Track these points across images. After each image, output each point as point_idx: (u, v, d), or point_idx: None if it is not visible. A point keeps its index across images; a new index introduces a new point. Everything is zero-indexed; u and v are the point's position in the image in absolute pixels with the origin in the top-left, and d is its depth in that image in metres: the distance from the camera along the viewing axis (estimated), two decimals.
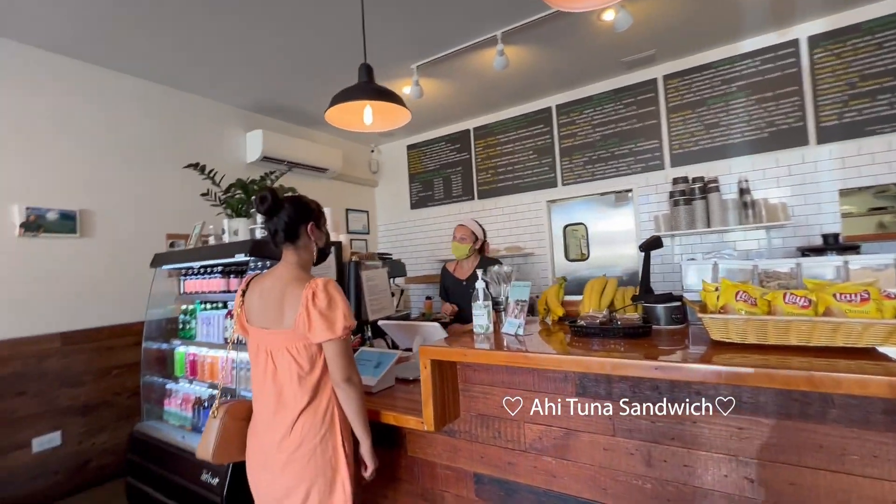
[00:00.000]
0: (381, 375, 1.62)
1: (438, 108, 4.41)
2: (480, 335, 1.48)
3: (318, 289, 1.23)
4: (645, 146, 3.80)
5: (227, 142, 4.00)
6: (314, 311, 1.21)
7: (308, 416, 1.23)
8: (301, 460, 1.21)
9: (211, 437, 1.31)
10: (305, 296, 1.22)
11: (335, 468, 1.24)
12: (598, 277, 1.69)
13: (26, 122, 2.80)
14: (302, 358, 1.25)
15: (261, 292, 1.32)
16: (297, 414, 1.23)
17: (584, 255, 4.28)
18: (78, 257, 2.97)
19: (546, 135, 4.33)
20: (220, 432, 1.31)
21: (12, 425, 2.64)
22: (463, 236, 2.64)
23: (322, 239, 1.42)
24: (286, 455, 1.22)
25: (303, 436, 1.22)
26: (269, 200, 1.30)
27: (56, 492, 2.76)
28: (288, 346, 1.25)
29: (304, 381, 1.24)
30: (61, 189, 2.92)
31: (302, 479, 1.21)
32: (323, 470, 1.23)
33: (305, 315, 1.21)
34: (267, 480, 1.26)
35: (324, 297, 1.23)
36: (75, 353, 2.91)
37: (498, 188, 4.64)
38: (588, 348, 1.18)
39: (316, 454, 1.22)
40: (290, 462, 1.22)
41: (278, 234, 1.34)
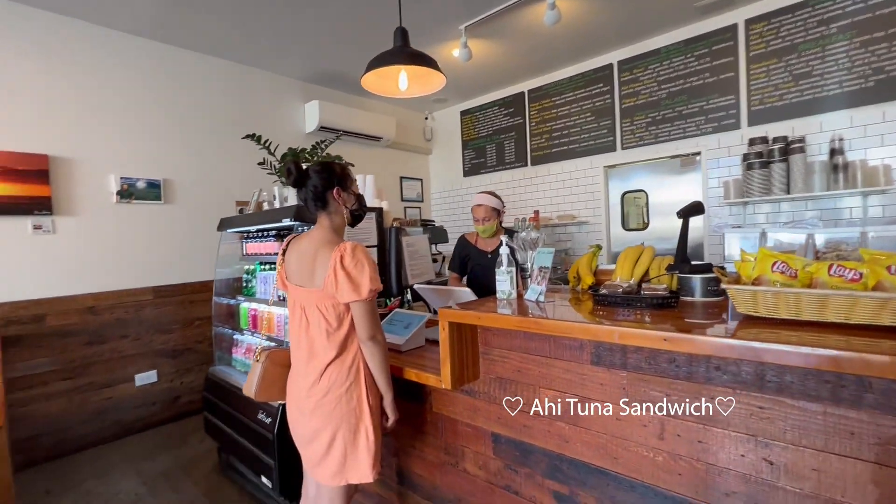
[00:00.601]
0: (409, 335, 1.70)
1: (490, 71, 4.26)
2: (502, 301, 1.48)
3: (346, 252, 1.31)
4: (718, 103, 3.41)
5: (287, 113, 4.22)
6: (341, 274, 1.29)
7: (335, 368, 1.34)
8: (327, 406, 1.33)
9: (254, 377, 1.48)
10: (334, 258, 1.30)
11: (359, 417, 1.35)
12: (634, 246, 1.60)
13: (117, 101, 3.16)
14: (330, 315, 1.34)
15: (298, 253, 1.43)
16: (325, 365, 1.34)
17: (644, 225, 4.02)
18: (163, 221, 3.36)
19: (605, 95, 4.03)
20: (262, 374, 1.47)
21: (120, 362, 3.14)
22: (486, 217, 2.44)
23: (351, 200, 1.48)
24: (314, 400, 1.34)
25: (330, 384, 1.34)
26: (294, 173, 1.39)
27: (154, 419, 3.28)
28: (318, 304, 1.35)
29: (332, 336, 1.34)
30: (148, 161, 3.29)
31: (328, 423, 1.33)
32: (347, 417, 1.34)
33: (333, 277, 1.29)
34: (299, 421, 1.40)
35: (351, 260, 1.30)
36: (165, 304, 3.35)
37: (552, 154, 4.45)
38: (607, 317, 1.15)
39: (341, 402, 1.34)
40: (318, 407, 1.34)
41: (308, 202, 1.43)
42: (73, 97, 2.97)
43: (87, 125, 3.02)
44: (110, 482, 2.51)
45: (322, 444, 1.35)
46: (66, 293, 2.91)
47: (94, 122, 3.05)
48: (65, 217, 2.92)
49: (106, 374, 3.07)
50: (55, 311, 2.87)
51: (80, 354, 2.96)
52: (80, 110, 2.99)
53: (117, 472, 2.62)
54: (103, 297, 3.06)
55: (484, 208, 2.45)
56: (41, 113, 2.84)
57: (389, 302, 2.35)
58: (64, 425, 2.88)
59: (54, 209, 2.86)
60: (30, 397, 2.77)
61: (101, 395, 3.04)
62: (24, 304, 2.76)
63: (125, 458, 2.80)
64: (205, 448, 2.85)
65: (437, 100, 5.09)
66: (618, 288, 1.27)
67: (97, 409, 3.02)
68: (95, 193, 3.05)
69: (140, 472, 2.62)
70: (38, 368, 2.80)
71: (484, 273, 2.50)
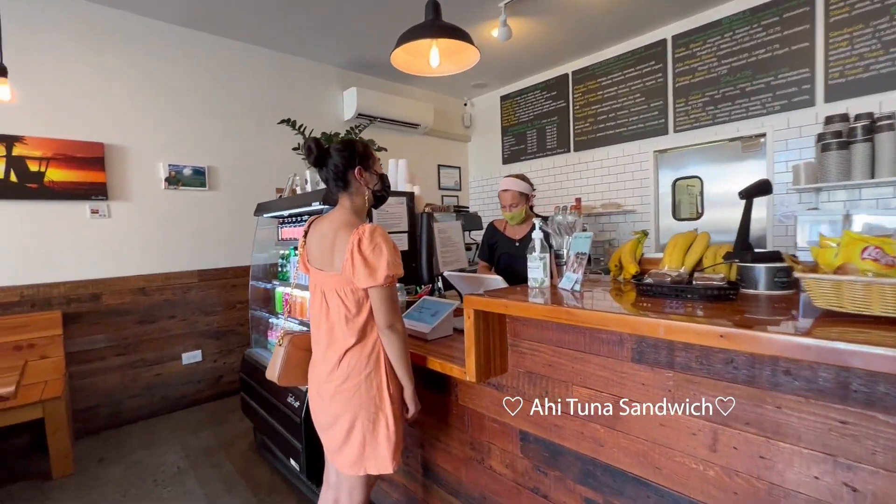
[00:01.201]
0: (436, 323, 1.63)
1: (532, 52, 4.06)
2: (534, 289, 1.37)
3: (364, 235, 1.24)
4: (789, 78, 3.05)
5: (326, 100, 4.24)
6: (358, 257, 1.22)
7: (354, 354, 1.29)
8: (347, 392, 1.29)
9: (277, 361, 1.46)
10: (352, 241, 1.24)
11: (378, 405, 1.30)
12: (685, 232, 1.43)
13: (165, 90, 3.28)
14: (349, 301, 1.29)
15: (318, 235, 1.38)
16: (344, 351, 1.29)
17: (698, 214, 3.71)
18: (207, 207, 3.48)
19: (657, 73, 3.73)
20: (285, 359, 1.45)
21: (168, 341, 3.30)
22: (513, 202, 2.27)
23: (374, 181, 1.42)
24: (333, 386, 1.30)
25: (349, 370, 1.29)
26: (315, 152, 1.33)
27: (199, 397, 3.43)
28: (337, 289, 1.30)
29: (351, 322, 1.29)
30: (193, 148, 3.41)
31: (347, 410, 1.29)
32: (366, 405, 1.29)
33: (350, 261, 1.23)
34: (319, 407, 1.37)
35: (369, 244, 1.23)
36: (208, 287, 3.48)
37: (597, 138, 4.20)
38: (652, 309, 1.01)
39: (360, 389, 1.28)
40: (337, 393, 1.30)
41: (329, 182, 1.38)
42: (126, 88, 3.11)
43: (138, 114, 3.16)
44: (156, 454, 2.64)
45: (341, 431, 1.31)
46: (119, 274, 3.08)
47: (144, 112, 3.18)
48: (119, 202, 3.08)
49: (155, 352, 3.24)
50: (110, 290, 3.05)
51: (132, 332, 3.14)
52: (132, 100, 3.13)
53: (164, 445, 2.76)
54: (153, 278, 3.22)
55: (511, 193, 2.28)
56: (97, 103, 2.99)
57: (420, 289, 2.29)
58: (118, 398, 3.07)
59: (109, 195, 3.02)
60: (89, 370, 2.96)
61: (151, 371, 3.22)
62: (84, 283, 2.95)
63: (172, 432, 2.94)
64: (243, 427, 2.94)
65: (477, 85, 4.95)
66: (665, 277, 1.12)
67: (147, 384, 3.20)
68: (146, 180, 3.20)
69: (184, 445, 2.74)
70: (96, 344, 2.99)
71: (511, 262, 2.35)
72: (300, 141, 2.59)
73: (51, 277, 2.83)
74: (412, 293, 2.24)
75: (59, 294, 2.86)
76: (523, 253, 2.38)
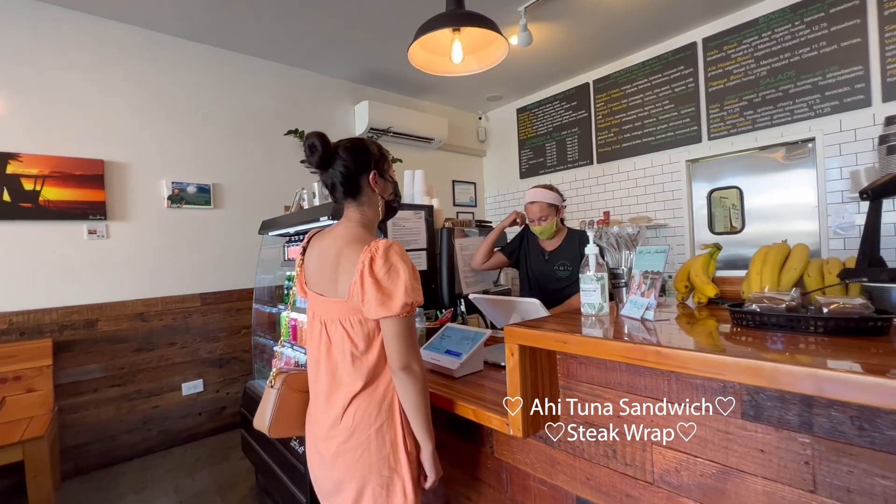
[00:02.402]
0: (465, 357, 1.36)
1: (551, 59, 3.88)
2: (590, 317, 1.11)
3: (377, 253, 1.00)
4: (839, 77, 2.79)
5: (337, 115, 4.09)
6: (370, 281, 0.98)
7: (362, 402, 1.03)
8: (353, 452, 1.02)
9: (267, 408, 1.19)
10: (362, 261, 1.00)
11: (393, 467, 1.03)
12: (774, 244, 1.16)
13: (168, 105, 3.14)
14: (356, 335, 1.04)
15: (319, 252, 1.14)
16: (349, 398, 1.03)
17: (736, 229, 3.41)
18: (212, 226, 3.29)
19: (688, 78, 3.50)
20: (277, 404, 1.18)
21: (167, 370, 3.07)
22: (542, 216, 2.04)
23: (389, 190, 1.19)
24: (336, 444, 1.04)
25: (355, 424, 1.02)
26: (320, 150, 1.07)
27: (201, 430, 3.17)
28: (342, 319, 1.05)
29: (358, 361, 1.03)
30: (197, 165, 3.25)
31: (353, 474, 1.02)
32: (378, 467, 1.02)
33: (360, 284, 0.99)
34: (319, 469, 1.10)
35: (383, 264, 0.99)
36: (211, 312, 3.26)
37: (622, 149, 3.96)
38: (765, 348, 0.74)
39: (370, 448, 1.02)
40: (341, 453, 1.03)
41: (336, 188, 1.12)
42: (127, 102, 2.97)
43: (140, 130, 3.01)
44: (147, 499, 2.37)
45: (346, 501, 1.04)
46: (117, 299, 2.88)
47: (146, 127, 3.04)
48: (118, 222, 2.91)
49: (153, 382, 3.00)
50: (106, 316, 2.84)
51: (128, 361, 2.91)
52: (134, 115, 2.99)
53: (157, 488, 2.49)
54: (152, 303, 3.01)
55: (539, 206, 2.04)
56: (97, 118, 2.85)
57: (441, 314, 2.03)
58: (112, 433, 2.83)
59: (108, 214, 2.85)
60: (81, 403, 2.73)
61: (148, 403, 2.98)
62: (78, 308, 2.75)
63: (168, 472, 2.68)
64: (244, 466, 2.66)
65: (492, 98, 4.78)
66: (779, 302, 0.85)
67: (144, 417, 2.95)
68: (148, 198, 3.03)
69: (178, 489, 2.47)
70: (89, 375, 2.77)
71: (537, 278, 2.11)
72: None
73: (43, 303, 2.64)
74: (432, 319, 1.98)
75: (51, 321, 2.66)
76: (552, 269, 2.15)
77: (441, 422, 1.43)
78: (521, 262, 2.22)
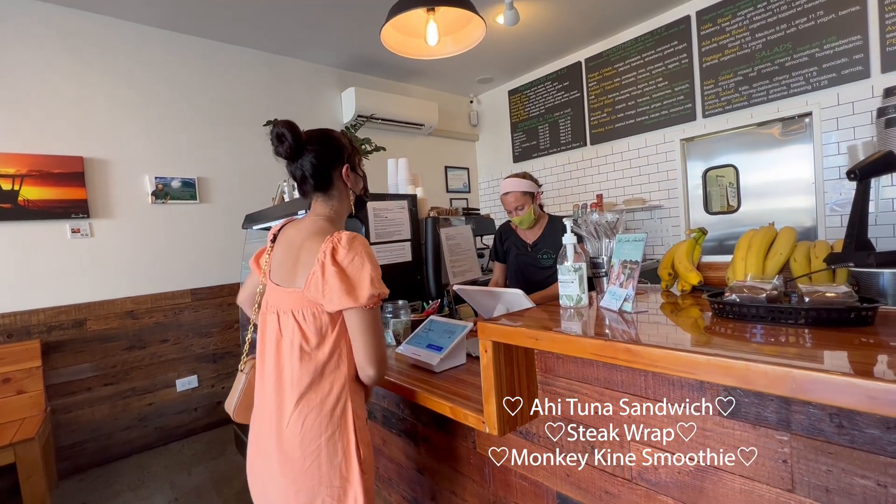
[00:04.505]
0: (444, 353, 1.32)
1: (541, 39, 3.76)
2: (568, 309, 1.07)
3: (339, 243, 0.96)
4: (837, 48, 2.70)
5: (323, 103, 4.00)
6: (331, 270, 0.94)
7: (313, 409, 0.97)
8: (301, 462, 0.96)
9: (235, 392, 1.15)
10: (323, 250, 0.95)
11: (345, 476, 0.97)
12: (761, 227, 1.11)
13: (148, 98, 3.06)
14: (308, 327, 0.98)
15: (285, 243, 1.10)
16: (297, 397, 0.97)
17: (732, 208, 3.36)
18: (199, 221, 3.24)
19: (681, 54, 3.40)
20: (244, 389, 1.14)
21: (161, 367, 3.06)
22: (518, 205, 1.99)
23: (359, 184, 1.15)
24: (284, 451, 0.97)
25: (303, 431, 0.96)
26: (289, 139, 1.03)
27: (197, 425, 3.18)
28: (294, 310, 0.99)
29: (307, 357, 0.98)
30: (181, 159, 3.18)
31: (300, 487, 0.96)
32: (329, 479, 0.96)
33: (320, 273, 0.95)
34: (263, 475, 1.02)
35: (347, 253, 0.95)
36: (203, 307, 3.24)
37: (615, 129, 3.87)
38: (745, 341, 0.71)
39: (321, 457, 0.96)
40: (288, 461, 0.97)
41: (307, 181, 1.08)
42: (106, 96, 2.89)
43: (119, 124, 2.94)
44: (143, 496, 2.39)
45: None
46: (105, 297, 2.86)
47: (126, 121, 2.97)
48: (101, 220, 2.86)
49: (147, 380, 3.00)
50: (95, 315, 2.82)
51: (121, 359, 2.90)
52: (113, 109, 2.92)
53: (153, 484, 2.50)
54: (142, 300, 2.99)
55: (513, 195, 1.99)
56: (74, 114, 2.78)
57: (427, 306, 1.99)
58: (107, 431, 2.83)
59: (91, 212, 2.81)
60: (74, 403, 2.73)
61: (143, 400, 2.98)
62: (66, 308, 2.72)
63: (164, 468, 2.69)
64: (240, 461, 2.67)
65: (482, 80, 4.67)
66: (758, 291, 0.80)
67: (140, 414, 2.96)
68: (131, 194, 2.98)
69: (174, 485, 2.48)
70: (81, 374, 2.76)
71: (521, 269, 2.08)
72: None
73: (29, 304, 2.61)
74: (418, 311, 1.95)
75: (39, 321, 2.63)
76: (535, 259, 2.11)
77: (426, 417, 1.41)
78: (507, 257, 2.19)
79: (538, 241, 2.06)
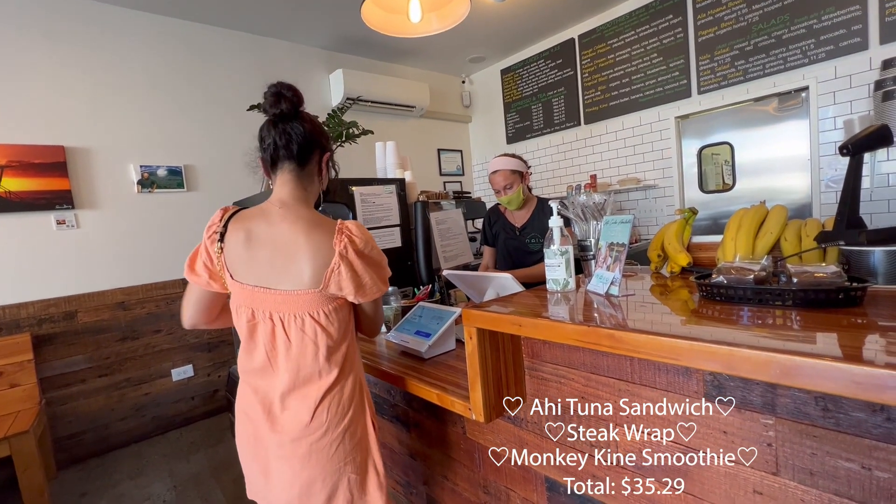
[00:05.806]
0: (432, 340, 1.31)
1: (533, 16, 3.66)
2: (555, 294, 1.05)
3: (353, 234, 0.95)
4: (835, 19, 2.63)
5: (311, 86, 3.90)
6: (360, 263, 0.94)
7: (335, 397, 0.97)
8: (327, 448, 0.96)
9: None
10: (342, 244, 0.92)
11: (367, 448, 1.03)
12: (752, 206, 1.09)
13: (131, 83, 2.97)
14: (332, 324, 0.95)
15: (263, 239, 0.96)
16: (322, 393, 0.96)
17: (728, 186, 3.32)
18: (187, 210, 3.19)
19: (676, 28, 3.31)
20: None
21: (155, 357, 3.05)
22: (507, 184, 1.94)
23: (327, 179, 1.13)
24: (308, 443, 0.95)
25: (328, 420, 0.96)
26: (292, 99, 1.01)
27: (195, 413, 3.19)
28: (312, 312, 0.94)
29: (334, 352, 0.97)
30: (167, 146, 3.11)
31: (326, 470, 0.96)
32: (352, 455, 0.99)
33: (346, 269, 0.92)
34: (280, 474, 0.99)
35: (365, 243, 0.96)
36: None
37: (609, 108, 3.80)
38: (732, 324, 0.69)
39: (345, 439, 0.98)
40: (313, 452, 0.96)
41: (290, 146, 0.99)
42: (85, 82, 2.80)
43: (101, 112, 2.86)
44: (143, 484, 2.41)
45: (318, 500, 0.97)
46: (94, 289, 2.83)
47: (108, 108, 2.89)
48: (87, 210, 2.81)
49: (142, 370, 2.99)
50: (85, 307, 2.79)
51: (114, 351, 2.89)
52: (93, 96, 2.83)
53: (152, 473, 2.52)
54: (133, 291, 2.96)
55: (501, 174, 1.94)
56: (53, 101, 2.70)
57: (418, 291, 1.97)
58: (105, 422, 2.84)
59: (76, 203, 2.75)
60: (69, 395, 2.73)
61: (138, 390, 2.98)
62: (55, 301, 2.70)
63: (163, 456, 2.71)
64: None
65: (474, 59, 4.56)
66: (746, 272, 0.78)
67: (136, 404, 2.96)
68: (116, 184, 2.92)
69: (173, 473, 2.50)
70: (75, 366, 2.75)
71: (510, 253, 2.05)
72: None
73: (17, 297, 2.59)
74: (409, 297, 1.93)
75: (28, 315, 2.61)
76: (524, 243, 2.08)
77: (417, 403, 1.40)
78: (497, 241, 2.15)
79: (526, 225, 2.02)
